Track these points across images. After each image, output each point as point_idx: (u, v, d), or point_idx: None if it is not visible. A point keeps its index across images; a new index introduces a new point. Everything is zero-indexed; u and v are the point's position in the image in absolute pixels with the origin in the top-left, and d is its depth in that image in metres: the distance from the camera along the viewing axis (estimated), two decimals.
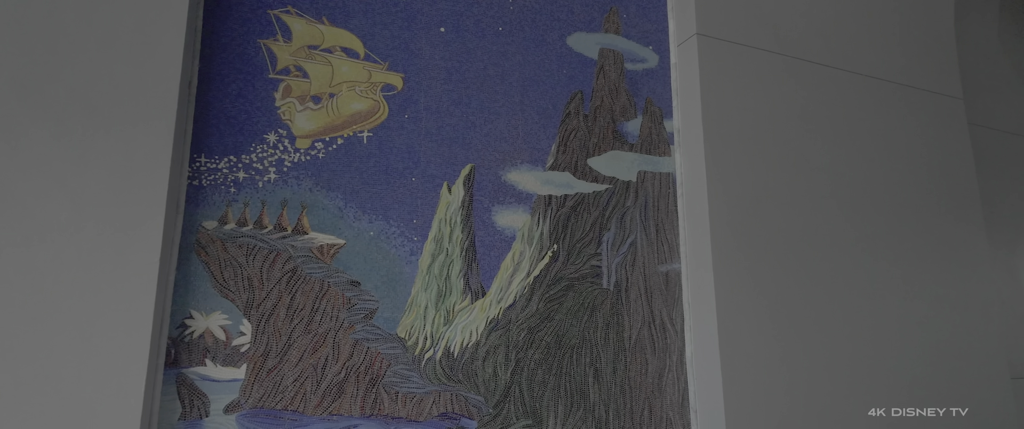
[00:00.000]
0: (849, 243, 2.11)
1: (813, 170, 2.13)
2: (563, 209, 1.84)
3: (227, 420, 1.29)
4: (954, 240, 2.35)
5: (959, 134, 2.53)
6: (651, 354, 1.87)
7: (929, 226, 2.30)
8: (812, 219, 2.07)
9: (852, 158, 2.22)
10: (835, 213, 2.12)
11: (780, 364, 1.88)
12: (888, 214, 2.23)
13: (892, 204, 2.25)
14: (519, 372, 1.67)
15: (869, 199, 2.21)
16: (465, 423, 1.55)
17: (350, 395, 1.42)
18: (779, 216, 2.02)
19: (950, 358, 2.20)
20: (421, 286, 1.57)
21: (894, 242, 2.20)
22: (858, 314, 2.06)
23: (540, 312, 1.75)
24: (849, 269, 2.09)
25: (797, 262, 2.00)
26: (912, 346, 2.13)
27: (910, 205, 2.29)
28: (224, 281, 1.35)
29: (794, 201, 2.06)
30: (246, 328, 1.35)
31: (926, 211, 2.32)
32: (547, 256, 1.79)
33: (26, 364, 1.09)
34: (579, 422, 1.72)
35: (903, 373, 2.08)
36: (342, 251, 1.47)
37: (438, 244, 1.62)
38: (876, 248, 2.16)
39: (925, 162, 2.39)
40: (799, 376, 1.89)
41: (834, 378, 1.95)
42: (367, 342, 1.47)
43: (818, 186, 2.11)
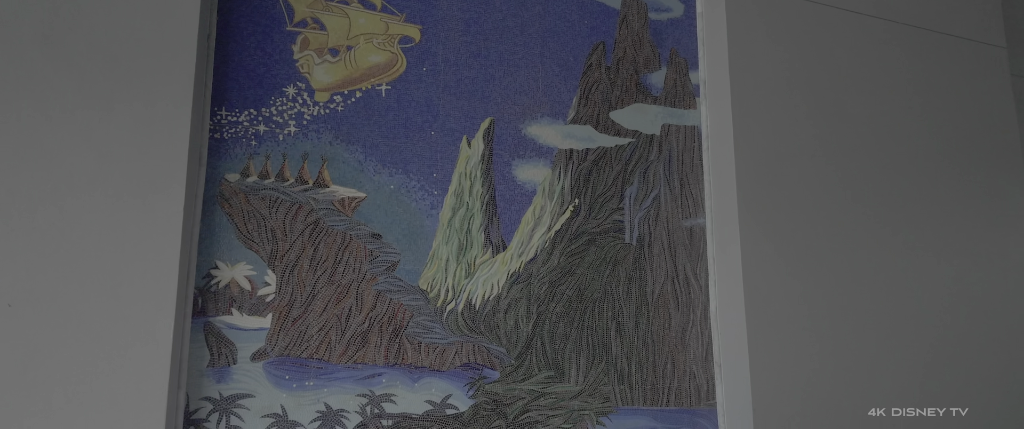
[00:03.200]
0: (881, 198, 2.05)
1: (845, 123, 2.05)
2: (584, 163, 1.82)
3: (254, 367, 1.32)
4: (994, 195, 2.26)
5: (1001, 85, 2.41)
6: (674, 309, 1.85)
7: (967, 181, 2.22)
8: (843, 174, 2.01)
9: (886, 110, 2.14)
10: (867, 167, 2.05)
11: (807, 319, 1.85)
12: (923, 169, 2.15)
13: (928, 158, 2.17)
14: (541, 325, 1.68)
15: (904, 153, 2.13)
16: (487, 373, 1.57)
17: (374, 345, 1.44)
18: (808, 170, 1.96)
19: (986, 314, 2.14)
20: (442, 239, 1.57)
21: (929, 197, 2.13)
22: (889, 270, 2.00)
23: (561, 266, 1.74)
24: (881, 224, 2.03)
25: (826, 217, 1.95)
26: (946, 302, 2.07)
27: (947, 159, 2.21)
28: (248, 233, 1.37)
29: (824, 155, 2.00)
30: (270, 279, 1.37)
31: (964, 166, 2.23)
32: (568, 210, 1.77)
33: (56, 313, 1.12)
34: (601, 374, 1.72)
35: (936, 328, 2.03)
36: (363, 204, 1.48)
37: (458, 198, 1.61)
38: (910, 203, 2.10)
39: (964, 114, 2.29)
40: (826, 331, 1.86)
41: (863, 333, 1.91)
42: (390, 293, 1.48)
43: (850, 139, 2.04)
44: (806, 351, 1.82)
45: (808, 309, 1.86)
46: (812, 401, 1.79)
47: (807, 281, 1.88)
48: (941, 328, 2.04)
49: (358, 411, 1.40)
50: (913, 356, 1.97)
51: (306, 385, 1.36)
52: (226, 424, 1.28)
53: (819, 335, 1.85)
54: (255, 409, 1.31)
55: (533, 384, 1.63)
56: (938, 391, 1.97)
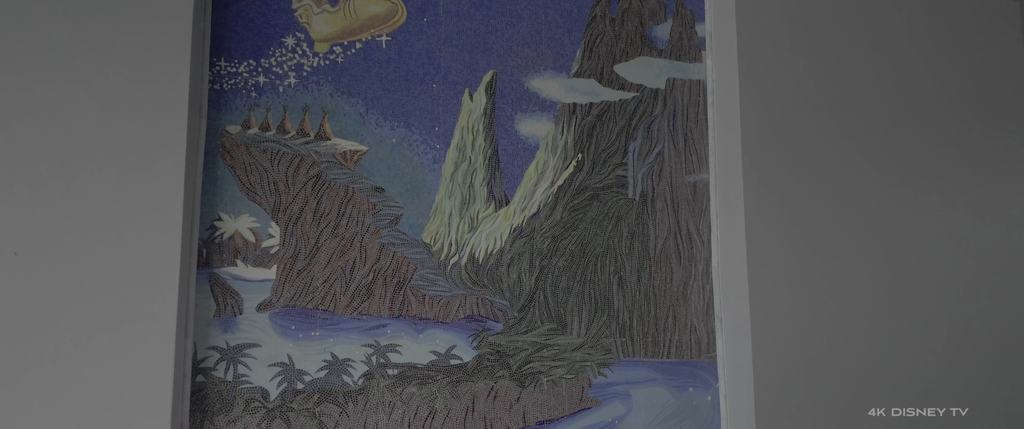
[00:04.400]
0: (887, 154, 2.03)
1: (852, 77, 2.02)
2: (588, 118, 1.80)
3: (260, 318, 1.34)
4: (1002, 154, 2.24)
5: (1013, 39, 2.36)
6: (676, 263, 1.86)
7: (976, 138, 2.19)
8: (849, 129, 1.99)
9: (895, 65, 2.10)
10: (874, 123, 2.03)
11: (808, 275, 1.85)
12: (932, 126, 2.12)
13: (937, 115, 2.14)
14: (543, 279, 1.69)
15: (912, 109, 2.10)
16: (491, 325, 1.58)
17: (378, 297, 1.46)
18: (815, 126, 1.94)
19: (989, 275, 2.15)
20: (445, 193, 1.57)
21: (937, 154, 2.11)
22: (894, 226, 2.00)
23: (564, 221, 1.74)
24: (887, 182, 2.02)
25: (831, 173, 1.94)
26: (950, 262, 2.08)
27: (956, 116, 2.18)
28: (250, 185, 1.37)
29: (831, 110, 1.97)
30: (274, 231, 1.37)
31: (973, 122, 2.20)
32: (571, 165, 1.76)
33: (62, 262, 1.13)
34: (603, 327, 1.74)
35: (939, 286, 2.03)
36: (365, 157, 1.47)
37: (461, 152, 1.60)
38: (917, 160, 2.08)
39: (975, 70, 2.25)
40: (827, 287, 1.87)
41: (865, 289, 1.92)
42: (393, 247, 1.49)
43: (857, 94, 2.01)
44: (807, 305, 1.83)
45: (810, 264, 1.87)
46: (811, 354, 1.81)
47: (810, 237, 1.88)
48: (945, 285, 2.05)
49: (364, 361, 1.42)
50: (915, 312, 1.98)
51: (312, 335, 1.38)
52: (234, 372, 1.31)
53: (820, 290, 1.86)
54: (262, 358, 1.33)
55: (536, 336, 1.65)
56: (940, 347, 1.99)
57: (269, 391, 1.33)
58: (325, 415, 1.37)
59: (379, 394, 1.43)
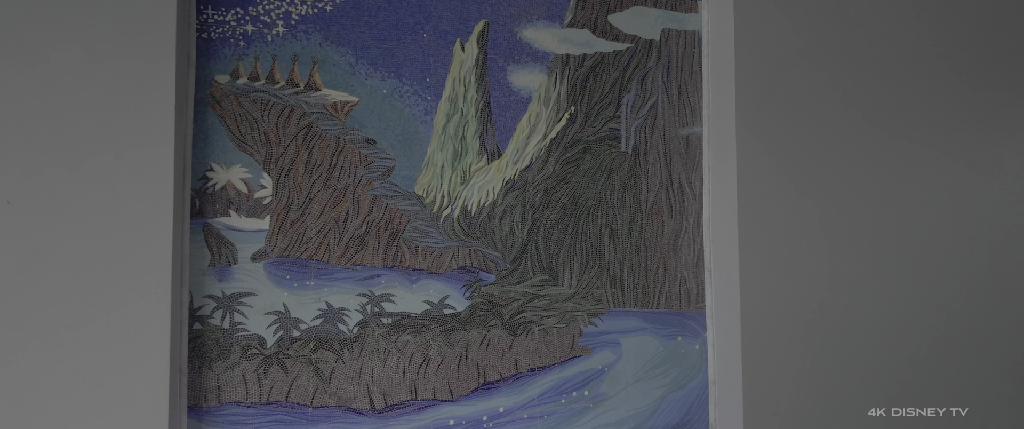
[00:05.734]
0: (882, 109, 2.03)
1: (850, 30, 2.00)
2: (581, 69, 1.79)
3: (255, 267, 1.36)
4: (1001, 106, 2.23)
5: None
6: (668, 216, 1.88)
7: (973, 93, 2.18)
8: (845, 83, 1.97)
9: (893, 17, 2.08)
10: (871, 77, 2.01)
11: (798, 228, 1.87)
12: (929, 80, 2.11)
13: (935, 69, 2.12)
14: (535, 231, 1.70)
15: (910, 63, 2.08)
16: (483, 276, 1.61)
17: (372, 247, 1.47)
18: (810, 80, 1.93)
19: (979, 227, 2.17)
20: (437, 146, 1.57)
21: (934, 109, 2.11)
22: (887, 181, 2.01)
23: (556, 174, 1.75)
24: (881, 136, 2.02)
25: (825, 128, 1.94)
26: (944, 215, 2.09)
27: (955, 71, 2.16)
28: (241, 135, 1.36)
29: (827, 64, 1.96)
30: (266, 181, 1.38)
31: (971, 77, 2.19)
32: (564, 118, 1.76)
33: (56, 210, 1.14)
34: (594, 278, 1.77)
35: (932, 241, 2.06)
36: (356, 108, 1.46)
37: (453, 104, 1.60)
38: (913, 115, 2.07)
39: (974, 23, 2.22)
40: (817, 240, 1.89)
41: (855, 242, 1.94)
42: (386, 199, 1.50)
43: (854, 48, 2.00)
44: (795, 258, 1.86)
45: (800, 218, 1.88)
46: (799, 305, 1.85)
47: (801, 191, 1.89)
48: (939, 240, 2.07)
49: (358, 310, 1.45)
50: (906, 266, 2.01)
51: (307, 285, 1.40)
52: (230, 320, 1.33)
53: (809, 244, 1.88)
54: (258, 307, 1.35)
55: (528, 287, 1.68)
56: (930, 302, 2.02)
57: (266, 338, 1.36)
58: (321, 361, 1.40)
59: (374, 342, 1.46)
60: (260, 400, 1.35)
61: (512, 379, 1.62)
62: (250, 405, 1.34)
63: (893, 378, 1.96)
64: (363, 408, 1.44)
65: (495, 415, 1.59)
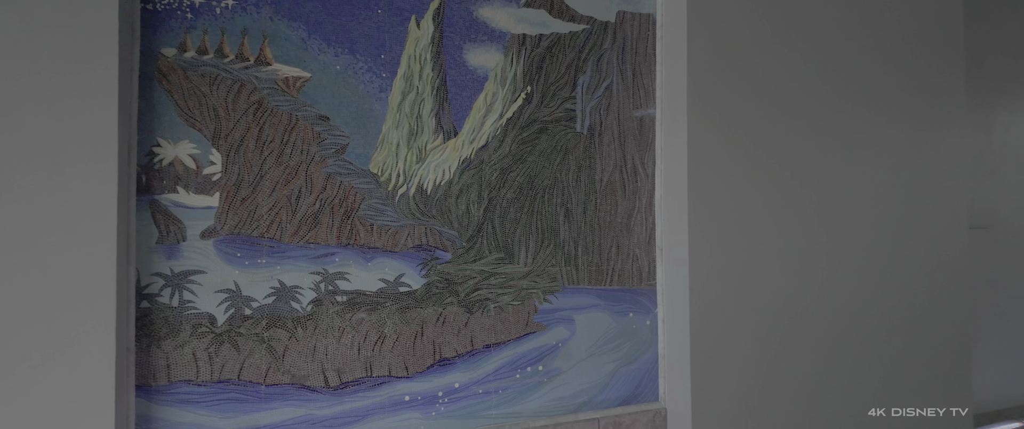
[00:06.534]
0: (829, 94, 2.10)
1: (800, 15, 2.06)
2: (538, 49, 1.80)
3: (204, 245, 1.34)
4: (933, 91, 2.34)
5: None
6: (621, 196, 1.92)
7: (909, 76, 2.28)
8: (793, 68, 2.04)
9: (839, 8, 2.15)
10: (816, 59, 2.09)
11: (747, 209, 1.94)
12: (869, 61, 2.20)
13: (874, 51, 2.21)
14: (492, 210, 1.72)
15: (852, 44, 2.16)
16: (439, 254, 1.62)
17: (326, 225, 1.47)
18: (759, 62, 1.99)
19: (916, 207, 2.28)
20: (392, 124, 1.57)
21: (873, 89, 2.20)
22: (831, 165, 2.10)
23: (513, 153, 1.76)
24: (825, 117, 2.09)
25: (773, 111, 2.00)
26: (880, 192, 2.20)
27: (893, 53, 2.25)
28: (189, 110, 1.34)
29: (777, 49, 2.02)
30: (215, 158, 1.36)
31: (908, 60, 2.29)
32: (520, 98, 1.77)
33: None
34: (549, 256, 1.80)
35: (868, 217, 2.16)
36: (308, 84, 1.45)
37: (408, 82, 1.59)
38: (856, 100, 2.16)
39: (911, 11, 2.32)
40: (764, 220, 1.97)
41: (799, 221, 2.02)
42: (340, 176, 1.49)
43: (801, 30, 2.06)
44: (742, 237, 1.93)
45: (748, 199, 1.95)
46: (745, 282, 1.92)
47: (749, 172, 1.96)
48: (877, 217, 2.17)
49: (312, 288, 1.44)
50: (846, 244, 2.11)
51: (259, 263, 1.39)
52: (179, 298, 1.31)
53: (756, 223, 1.96)
54: (208, 285, 1.34)
55: (484, 265, 1.70)
56: (869, 278, 2.13)
57: (216, 317, 1.35)
58: (274, 340, 1.40)
59: (328, 320, 1.46)
60: (211, 378, 1.34)
61: (468, 355, 1.65)
62: (201, 383, 1.33)
63: (832, 351, 2.06)
64: (317, 385, 1.44)
65: (450, 391, 1.61)
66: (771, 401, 1.94)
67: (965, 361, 2.36)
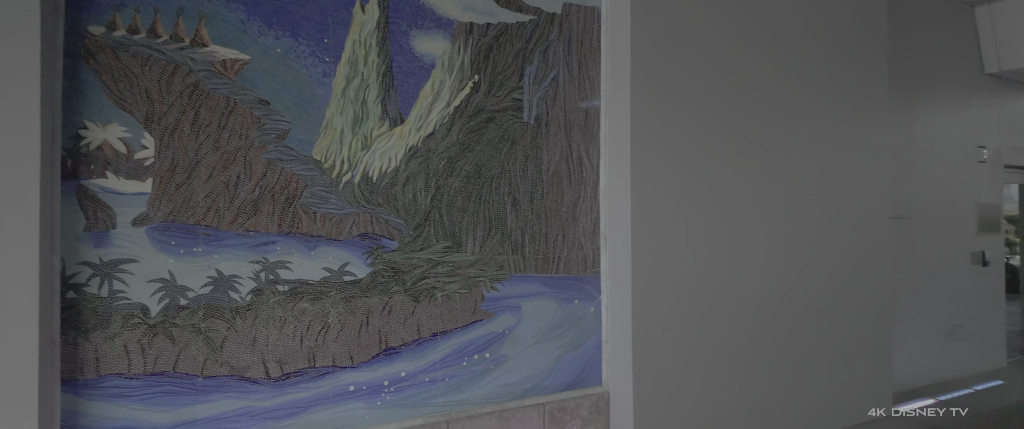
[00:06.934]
0: (763, 87, 2.19)
1: (738, 12, 2.14)
2: (485, 38, 1.80)
3: (136, 233, 1.28)
4: (859, 89, 2.47)
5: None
6: (567, 186, 1.95)
7: (838, 75, 2.40)
8: (731, 63, 2.11)
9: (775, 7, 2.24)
10: (752, 57, 2.17)
11: (687, 199, 2.00)
12: (802, 61, 2.30)
13: (807, 51, 2.31)
14: (439, 198, 1.72)
15: (786, 43, 2.26)
16: (385, 243, 1.60)
17: (266, 213, 1.43)
18: (699, 56, 2.05)
19: (843, 198, 2.41)
20: (336, 109, 1.54)
21: (805, 87, 2.30)
22: (764, 154, 2.18)
23: (460, 142, 1.76)
24: (760, 112, 2.18)
25: (713, 104, 2.07)
26: (811, 184, 2.30)
27: (824, 54, 2.37)
28: (119, 92, 1.27)
29: (715, 45, 2.08)
30: (148, 142, 1.30)
31: (837, 61, 2.40)
32: (468, 87, 1.77)
33: None
34: (496, 245, 1.81)
35: (799, 208, 2.26)
36: (247, 67, 1.40)
37: (353, 67, 1.57)
38: (787, 92, 2.25)
39: (841, 13, 2.44)
40: (703, 210, 2.03)
41: (736, 211, 2.10)
42: (281, 163, 1.45)
43: (740, 30, 2.13)
44: (682, 226, 1.99)
45: (688, 189, 2.01)
46: (684, 269, 1.98)
47: (689, 164, 2.02)
48: (808, 208, 2.28)
49: (252, 277, 1.41)
50: (780, 232, 2.21)
51: (195, 251, 1.34)
52: (109, 288, 1.26)
53: (695, 213, 2.02)
54: (140, 274, 1.28)
55: (431, 253, 1.69)
56: (800, 264, 2.23)
57: (150, 307, 1.29)
58: (212, 330, 1.36)
59: (269, 310, 1.43)
60: (144, 371, 1.29)
61: (414, 344, 1.64)
62: (133, 377, 1.28)
63: (766, 334, 2.16)
64: (258, 377, 1.41)
65: (396, 379, 1.60)
66: (708, 383, 2.01)
67: (885, 343, 2.52)
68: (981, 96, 3.30)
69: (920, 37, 3.02)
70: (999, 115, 3.40)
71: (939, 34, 3.11)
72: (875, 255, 2.52)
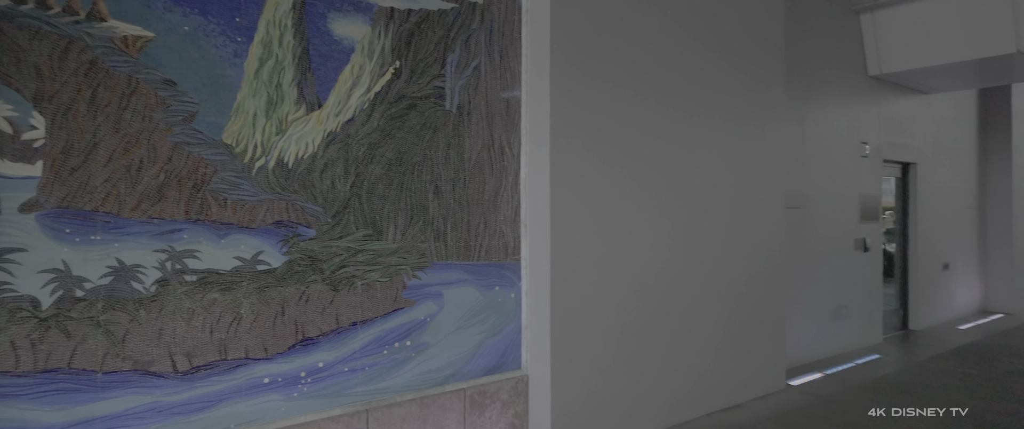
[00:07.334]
0: (674, 81, 2.30)
1: (652, 8, 2.22)
2: (407, 24, 1.78)
3: (25, 219, 1.19)
4: (759, 87, 2.64)
5: None
6: (489, 174, 1.97)
7: (742, 72, 2.56)
8: (644, 54, 2.20)
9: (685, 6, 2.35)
10: (664, 52, 2.27)
11: (604, 187, 2.07)
12: (709, 57, 2.43)
13: (713, 48, 2.45)
14: (359, 185, 1.69)
15: (695, 41, 2.38)
16: (302, 231, 1.56)
17: (172, 199, 1.36)
18: (616, 50, 2.12)
19: (743, 189, 2.58)
20: (248, 92, 1.48)
21: (711, 82, 2.43)
22: (674, 147, 2.30)
23: (381, 128, 1.74)
24: (672, 106, 2.29)
25: (628, 95, 2.15)
26: (716, 175, 2.45)
27: (728, 52, 2.51)
28: (4, 67, 1.17)
29: (630, 36, 2.16)
30: (38, 122, 1.20)
31: (740, 59, 2.56)
32: (389, 72, 1.75)
33: None
34: (418, 233, 1.81)
35: (705, 197, 2.40)
36: (151, 45, 1.32)
37: (267, 48, 1.51)
38: (696, 88, 2.38)
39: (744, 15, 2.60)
40: (620, 198, 2.11)
41: (649, 200, 2.20)
42: (188, 146, 1.38)
43: (653, 26, 2.23)
44: (600, 214, 2.06)
45: (605, 178, 2.09)
46: (602, 256, 2.06)
47: (606, 155, 2.09)
48: (713, 199, 2.42)
49: (157, 267, 1.33)
50: (689, 221, 2.33)
51: (92, 239, 1.25)
52: None
53: (612, 201, 2.10)
54: (30, 264, 1.19)
55: (350, 242, 1.66)
56: (705, 251, 2.37)
57: (40, 300, 1.20)
58: (112, 323, 1.28)
59: (176, 301, 1.36)
60: (35, 368, 1.19)
61: (333, 334, 1.61)
62: (22, 374, 1.18)
63: (674, 316, 2.28)
64: (165, 371, 1.34)
65: (314, 370, 1.57)
66: (621, 363, 2.10)
67: (780, 323, 2.72)
68: (864, 96, 3.61)
69: (813, 41, 3.26)
70: (879, 114, 3.74)
71: (829, 39, 3.37)
72: (772, 242, 2.71)
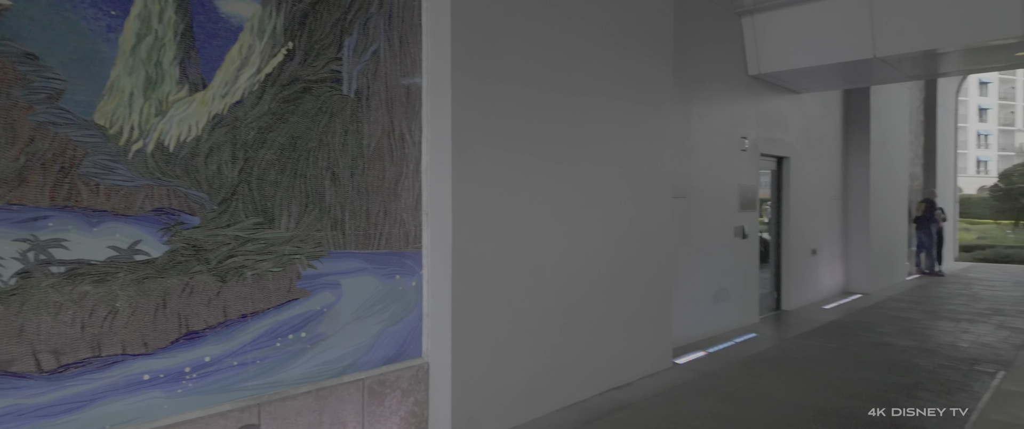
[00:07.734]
0: (570, 73, 2.37)
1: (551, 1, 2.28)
2: (301, 4, 1.71)
3: None
4: (649, 81, 2.79)
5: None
6: (389, 162, 1.94)
7: (633, 67, 2.68)
8: (543, 46, 2.25)
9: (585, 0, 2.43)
10: (562, 45, 2.33)
11: (504, 177, 2.11)
12: (602, 52, 2.53)
13: (606, 44, 2.55)
14: (248, 171, 1.62)
15: (590, 36, 2.47)
16: (185, 219, 1.48)
17: (36, 184, 1.24)
18: (517, 40, 2.16)
19: (634, 178, 2.71)
20: (124, 69, 1.37)
21: (604, 75, 2.53)
22: (570, 137, 2.38)
23: (273, 112, 1.67)
24: (568, 96, 2.36)
25: (526, 86, 2.20)
26: (608, 165, 2.56)
27: (620, 47, 2.63)
28: None
29: (530, 28, 2.20)
30: None
31: (632, 54, 2.68)
32: (281, 53, 1.68)
33: None
34: (314, 221, 1.76)
35: (599, 186, 2.51)
36: (8, 15, 1.20)
37: (145, 23, 1.40)
38: (591, 79, 2.47)
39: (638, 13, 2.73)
40: (519, 188, 2.16)
41: (547, 189, 2.27)
42: (54, 127, 1.27)
43: (550, 16, 2.28)
44: (500, 203, 2.10)
45: (505, 167, 2.13)
46: (499, 243, 2.10)
47: (507, 143, 2.13)
48: (605, 188, 2.53)
49: (18, 257, 1.22)
50: (583, 209, 2.43)
51: None
52: None
53: (512, 190, 2.14)
54: None
55: (239, 230, 1.59)
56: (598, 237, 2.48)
57: None
58: None
59: (41, 294, 1.25)
60: None
61: (221, 326, 1.54)
62: None
63: (570, 300, 2.38)
64: (28, 371, 1.23)
65: (200, 365, 1.49)
66: (520, 349, 2.17)
67: (666, 305, 2.91)
68: (744, 94, 3.91)
69: (699, 40, 3.47)
70: (757, 111, 4.05)
71: (714, 39, 3.61)
72: (660, 230, 2.88)
